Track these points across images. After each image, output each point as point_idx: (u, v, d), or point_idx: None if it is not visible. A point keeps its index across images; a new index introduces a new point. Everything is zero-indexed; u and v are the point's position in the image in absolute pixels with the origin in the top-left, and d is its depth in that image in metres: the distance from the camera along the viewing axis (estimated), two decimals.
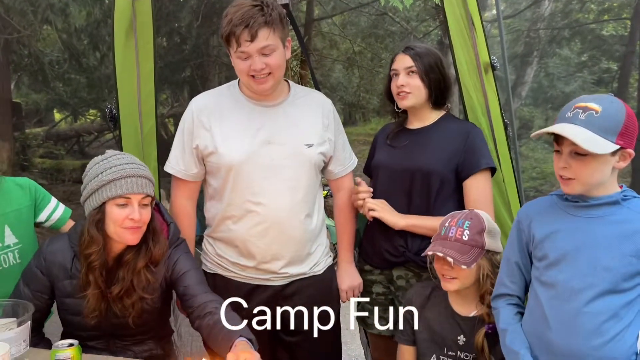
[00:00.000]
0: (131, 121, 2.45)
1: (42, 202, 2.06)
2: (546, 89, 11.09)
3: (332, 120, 1.99)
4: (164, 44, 8.29)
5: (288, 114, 1.90)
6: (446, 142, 2.00)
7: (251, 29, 1.70)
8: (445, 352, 1.78)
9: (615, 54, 10.35)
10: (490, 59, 2.18)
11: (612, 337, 1.44)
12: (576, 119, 1.42)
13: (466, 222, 1.72)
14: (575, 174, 1.44)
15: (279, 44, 1.77)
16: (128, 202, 1.65)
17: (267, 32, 1.73)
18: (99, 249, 1.67)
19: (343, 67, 10.25)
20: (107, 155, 1.72)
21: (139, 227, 1.67)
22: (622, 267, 1.43)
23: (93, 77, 7.96)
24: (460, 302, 1.78)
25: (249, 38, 1.72)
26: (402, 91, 2.00)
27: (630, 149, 1.43)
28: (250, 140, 1.85)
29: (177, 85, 9.03)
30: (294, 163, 1.88)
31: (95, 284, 1.69)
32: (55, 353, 1.49)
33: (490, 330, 1.69)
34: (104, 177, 1.65)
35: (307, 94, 2.01)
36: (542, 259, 1.54)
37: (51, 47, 8.15)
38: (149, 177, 1.70)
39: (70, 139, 10.49)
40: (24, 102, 9.87)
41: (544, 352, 1.52)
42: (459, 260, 1.66)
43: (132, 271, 1.71)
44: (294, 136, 1.88)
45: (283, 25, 1.78)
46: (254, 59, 1.75)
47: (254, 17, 1.70)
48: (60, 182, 8.48)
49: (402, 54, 2.03)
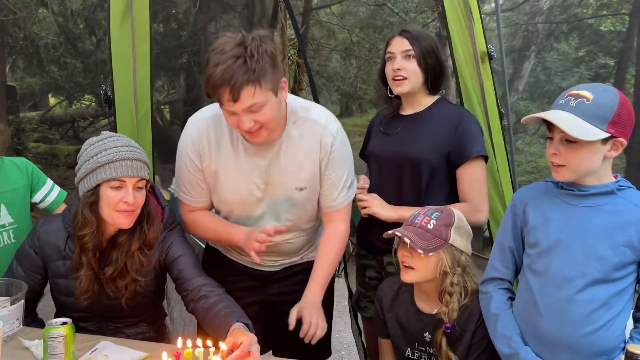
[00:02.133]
0: (126, 104, 2.45)
1: (38, 184, 2.08)
2: (543, 83, 11.08)
3: (329, 154, 1.79)
4: (160, 30, 8.22)
5: (280, 157, 1.77)
6: (437, 129, 1.96)
7: (233, 89, 1.50)
8: (416, 347, 1.79)
9: (613, 50, 10.34)
10: (487, 48, 2.18)
11: (602, 326, 1.45)
12: (567, 106, 1.43)
13: (435, 213, 1.71)
14: (565, 161, 1.45)
15: (268, 97, 1.57)
16: (122, 185, 1.64)
17: (252, 90, 1.52)
18: (92, 230, 1.66)
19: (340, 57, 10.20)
20: (102, 136, 1.71)
21: (132, 211, 1.66)
22: (614, 257, 1.44)
23: (89, 62, 7.88)
24: (424, 298, 1.76)
25: (231, 99, 1.53)
26: (398, 75, 1.96)
27: (622, 138, 1.43)
28: (245, 181, 1.78)
29: (173, 72, 8.97)
30: (287, 204, 1.83)
31: (88, 266, 1.69)
32: (49, 331, 1.49)
33: (449, 330, 1.68)
34: (99, 159, 1.63)
35: (303, 125, 1.77)
36: (533, 246, 1.55)
37: (47, 30, 8.06)
38: (144, 160, 1.69)
39: (65, 123, 10.42)
40: (18, 86, 9.79)
41: (534, 338, 1.53)
42: (415, 244, 1.63)
43: (125, 253, 1.71)
44: (285, 181, 1.79)
45: (274, 69, 1.56)
46: (240, 117, 1.58)
47: (235, 75, 1.49)
48: (54, 167, 8.44)
49: (399, 37, 1.97)
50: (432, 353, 1.74)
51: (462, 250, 1.70)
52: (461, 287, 1.68)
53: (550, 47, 10.85)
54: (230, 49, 1.51)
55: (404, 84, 1.96)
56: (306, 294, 1.79)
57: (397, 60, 1.96)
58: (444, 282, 1.68)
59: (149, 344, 1.72)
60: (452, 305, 1.67)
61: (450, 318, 1.67)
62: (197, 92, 8.45)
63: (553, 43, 10.77)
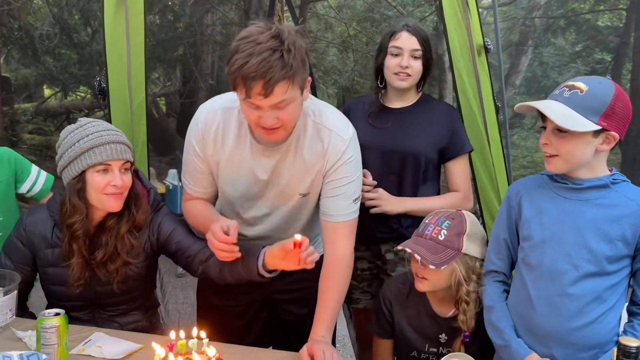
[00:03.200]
0: (120, 95, 2.43)
1: (23, 174, 2.04)
2: (539, 78, 11.09)
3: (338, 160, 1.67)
4: (156, 21, 8.19)
5: (287, 159, 1.68)
6: (431, 124, 2.06)
7: (267, 84, 1.41)
8: (426, 349, 1.77)
9: (610, 45, 10.35)
10: (484, 41, 2.18)
11: (595, 319, 1.46)
12: (560, 96, 1.43)
13: (446, 222, 1.67)
14: (557, 150, 1.45)
15: (297, 95, 1.50)
16: (109, 168, 1.64)
17: (286, 86, 1.44)
18: (82, 217, 1.66)
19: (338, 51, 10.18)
20: (81, 123, 1.71)
21: (120, 193, 1.66)
22: (608, 250, 1.44)
23: (84, 53, 7.84)
24: (439, 303, 1.75)
25: (263, 93, 1.43)
26: (404, 72, 2.00)
27: (615, 132, 1.42)
28: (245, 180, 1.73)
29: (169, 63, 8.93)
30: (289, 207, 1.77)
31: (79, 253, 1.69)
32: (42, 322, 1.49)
33: (467, 339, 1.67)
34: (81, 145, 1.63)
35: (314, 128, 1.67)
36: (527, 238, 1.55)
37: (42, 20, 8.01)
38: (126, 142, 1.70)
39: (60, 115, 10.37)
40: (13, 77, 9.73)
41: (527, 331, 1.53)
42: (426, 259, 1.60)
43: (115, 236, 1.71)
44: (289, 185, 1.72)
45: (304, 67, 1.49)
46: (265, 112, 1.49)
47: (272, 69, 1.40)
48: (49, 159, 8.39)
49: (408, 34, 2.01)
50: (445, 353, 1.69)
51: (476, 257, 1.67)
52: (478, 294, 1.66)
53: (547, 42, 10.85)
54: (266, 40, 1.42)
55: (407, 80, 2.02)
56: (312, 335, 1.63)
57: (405, 57, 2.00)
58: (460, 291, 1.65)
59: (143, 336, 1.72)
60: (470, 313, 1.64)
61: (469, 326, 1.64)
62: (193, 84, 8.41)
63: (550, 38, 10.78)
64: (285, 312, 1.96)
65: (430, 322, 1.76)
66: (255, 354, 1.62)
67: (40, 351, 1.47)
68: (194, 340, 1.45)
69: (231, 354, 1.53)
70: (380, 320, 1.84)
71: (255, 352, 1.63)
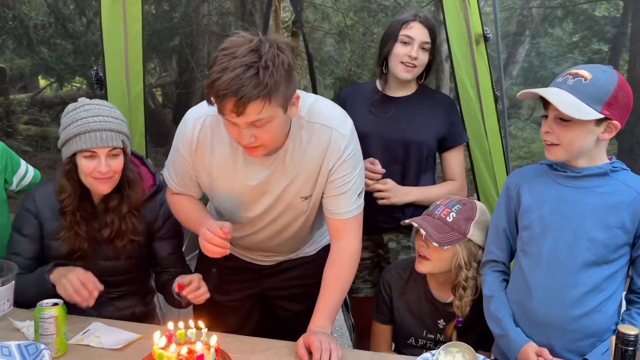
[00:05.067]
0: (118, 85, 2.42)
1: (14, 167, 2.04)
2: (537, 68, 11.07)
3: (340, 157, 1.61)
4: (152, 11, 8.12)
5: (285, 165, 1.62)
6: (433, 114, 2.09)
7: (239, 102, 1.33)
8: (424, 335, 1.79)
9: (607, 35, 10.34)
10: (483, 30, 2.17)
11: (593, 308, 1.46)
12: (564, 84, 1.43)
13: (457, 205, 1.70)
14: (558, 139, 1.45)
15: (276, 113, 1.41)
16: (94, 155, 1.68)
17: (260, 106, 1.36)
18: (68, 195, 1.74)
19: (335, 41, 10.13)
20: (78, 104, 1.75)
21: (109, 177, 1.71)
22: (607, 239, 1.44)
23: (79, 43, 7.78)
24: (438, 287, 1.77)
25: (235, 111, 1.36)
26: (411, 63, 2.01)
27: (617, 121, 1.42)
28: (239, 189, 1.67)
29: (165, 54, 8.87)
30: (288, 213, 1.72)
31: (70, 227, 1.76)
32: (40, 312, 1.49)
33: (461, 325, 1.69)
34: (71, 129, 1.69)
35: (312, 128, 1.59)
36: (526, 228, 1.55)
37: (36, 10, 7.94)
38: (116, 129, 1.70)
39: (56, 106, 10.30)
40: (7, 67, 9.66)
41: (526, 320, 1.54)
42: (431, 236, 1.62)
43: (118, 216, 1.79)
44: (288, 191, 1.65)
45: (288, 83, 1.39)
46: (241, 130, 1.42)
47: (244, 87, 1.32)
48: (45, 150, 8.36)
49: (420, 25, 2.02)
50: (443, 340, 1.73)
51: (480, 245, 1.69)
52: (476, 282, 1.68)
53: (544, 32, 10.82)
54: (243, 54, 1.33)
55: (412, 72, 2.04)
56: (310, 326, 1.59)
57: (415, 48, 2.01)
58: (459, 276, 1.67)
59: (141, 325, 1.73)
60: (466, 299, 1.67)
61: (464, 312, 1.67)
62: (189, 74, 8.37)
63: (547, 28, 10.74)
64: (281, 309, 1.96)
65: (429, 307, 1.77)
66: (252, 344, 1.62)
67: (38, 341, 1.47)
68: (193, 330, 1.45)
69: (229, 344, 1.53)
70: (379, 305, 1.86)
71: (253, 342, 1.63)
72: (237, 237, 1.83)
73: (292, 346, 1.57)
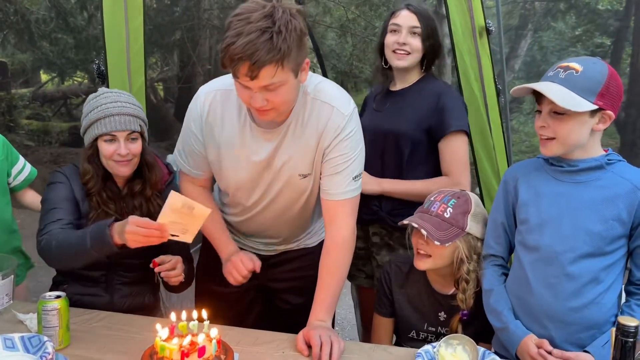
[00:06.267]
0: (120, 78, 2.42)
1: (13, 160, 2.06)
2: (539, 62, 11.03)
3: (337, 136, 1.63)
4: (153, 5, 8.11)
5: (287, 140, 1.65)
6: (419, 103, 2.02)
7: (253, 66, 1.38)
8: (425, 328, 1.79)
9: (609, 29, 10.30)
10: (485, 23, 2.16)
11: (592, 300, 1.47)
12: (556, 78, 1.43)
13: (452, 200, 1.69)
14: (555, 133, 1.45)
15: (288, 77, 1.45)
16: (115, 138, 1.76)
17: (273, 70, 1.40)
18: (91, 177, 1.80)
19: (336, 35, 10.10)
20: (98, 93, 1.83)
21: (129, 160, 1.78)
22: (604, 230, 1.45)
23: (80, 38, 7.78)
24: (440, 280, 1.77)
25: (249, 75, 1.40)
26: (401, 49, 1.99)
27: (610, 111, 1.43)
28: (246, 162, 1.70)
29: (166, 48, 8.86)
30: (288, 191, 1.74)
31: (98, 206, 1.80)
32: (43, 304, 1.49)
33: (466, 317, 1.69)
34: (92, 115, 1.77)
35: (313, 105, 1.63)
36: (523, 222, 1.56)
37: (37, 5, 7.94)
38: (134, 114, 1.78)
39: (57, 100, 10.32)
40: (9, 62, 9.66)
41: (526, 313, 1.55)
42: (432, 235, 1.62)
43: (144, 199, 1.86)
44: (289, 166, 1.68)
45: (299, 49, 1.44)
46: (254, 93, 1.47)
47: (258, 51, 1.36)
48: (47, 144, 8.38)
49: (407, 11, 2.00)
50: (444, 333, 1.73)
51: (478, 237, 1.69)
52: (477, 274, 1.68)
53: (547, 25, 10.78)
54: (257, 19, 1.37)
55: (406, 59, 2.01)
56: (310, 319, 1.60)
57: (403, 34, 1.99)
58: (461, 269, 1.67)
59: (144, 318, 1.74)
60: (469, 292, 1.67)
61: (468, 305, 1.67)
62: (191, 69, 8.36)
63: (550, 22, 10.70)
64: (282, 301, 1.97)
65: (430, 300, 1.77)
66: (254, 335, 1.63)
67: (41, 333, 1.48)
68: (195, 322, 1.46)
69: (231, 336, 1.54)
70: (380, 298, 1.86)
71: (255, 334, 1.64)
72: (239, 221, 1.86)
73: (293, 339, 1.58)
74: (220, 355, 1.37)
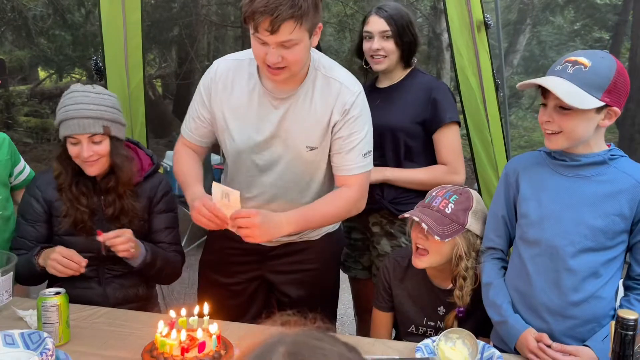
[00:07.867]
0: (118, 75, 2.42)
1: (16, 160, 2.07)
2: (538, 57, 11.01)
3: (347, 114, 1.69)
4: (151, 1, 8.08)
5: (295, 110, 1.70)
6: (411, 98, 2.10)
7: (274, 20, 1.47)
8: (424, 322, 1.79)
9: (608, 23, 10.28)
10: (484, 17, 2.16)
11: (591, 294, 1.47)
12: (564, 73, 1.42)
13: (454, 195, 1.69)
14: (560, 127, 1.44)
15: (304, 37, 1.55)
16: (77, 141, 1.77)
17: (292, 26, 1.50)
18: (61, 173, 1.86)
19: (335, 31, 10.08)
20: (68, 90, 1.83)
21: (94, 161, 1.79)
22: (605, 225, 1.45)
23: (78, 34, 7.76)
24: (439, 275, 1.77)
25: (269, 29, 1.49)
26: (377, 54, 2.07)
27: (617, 107, 1.42)
28: (252, 130, 1.73)
29: (165, 45, 8.84)
30: (295, 164, 1.76)
31: (68, 200, 1.84)
32: (42, 300, 1.50)
33: (462, 314, 1.69)
34: (59, 115, 1.79)
35: (323, 80, 1.71)
36: (524, 216, 1.56)
37: (35, 1, 7.91)
38: (95, 116, 1.77)
39: (56, 97, 10.24)
40: (7, 59, 9.63)
41: (525, 307, 1.55)
42: (433, 230, 1.61)
43: (117, 196, 1.87)
44: (296, 137, 1.72)
45: (316, 12, 1.54)
46: (270, 49, 1.55)
47: (280, 7, 1.46)
48: (45, 141, 8.35)
49: (376, 17, 2.07)
50: (443, 328, 1.73)
51: (477, 234, 1.69)
52: (475, 271, 1.68)
53: (545, 20, 10.75)
54: None
55: (383, 62, 2.09)
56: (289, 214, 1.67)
57: (375, 40, 2.08)
58: (459, 266, 1.67)
59: (143, 314, 1.74)
60: (466, 289, 1.67)
61: (464, 302, 1.67)
62: (189, 65, 8.34)
63: (548, 16, 10.67)
64: (282, 294, 1.97)
65: (429, 294, 1.78)
66: (254, 330, 1.63)
67: (41, 330, 1.48)
68: (195, 317, 1.46)
69: (231, 331, 1.54)
70: (380, 292, 1.87)
71: (255, 329, 1.64)
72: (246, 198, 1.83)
73: None
74: (220, 351, 1.37)
